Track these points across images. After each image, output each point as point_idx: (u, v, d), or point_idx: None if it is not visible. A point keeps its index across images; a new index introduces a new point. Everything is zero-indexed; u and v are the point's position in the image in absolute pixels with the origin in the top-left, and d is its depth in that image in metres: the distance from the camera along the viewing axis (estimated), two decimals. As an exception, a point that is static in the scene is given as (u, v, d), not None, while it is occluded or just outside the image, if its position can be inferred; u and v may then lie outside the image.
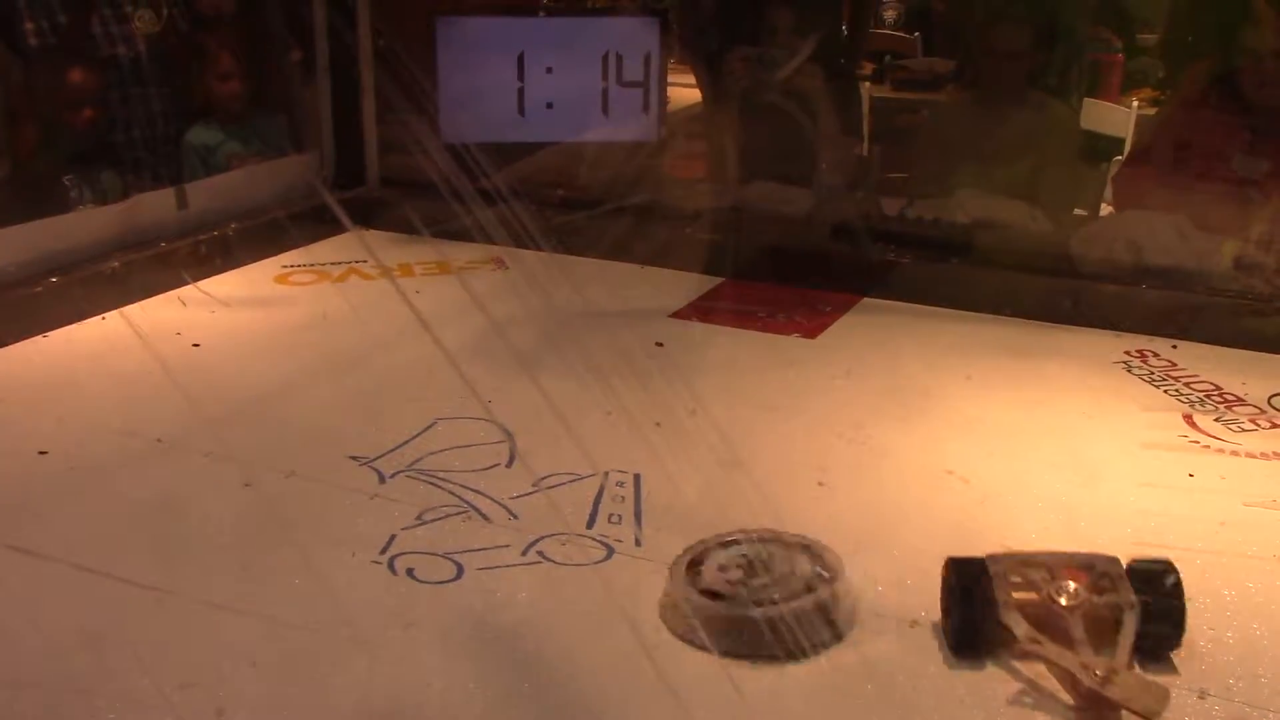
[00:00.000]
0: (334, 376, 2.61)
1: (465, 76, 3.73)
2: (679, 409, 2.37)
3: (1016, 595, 1.60)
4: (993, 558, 1.66)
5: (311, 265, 3.37)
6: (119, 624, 1.68)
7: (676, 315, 2.99)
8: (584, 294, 2.97)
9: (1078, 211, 4.14)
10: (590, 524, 1.96)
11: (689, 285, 3.19)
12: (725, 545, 1.77)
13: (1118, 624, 1.56)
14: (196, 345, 2.75)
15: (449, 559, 1.86)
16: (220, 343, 2.78)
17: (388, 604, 1.73)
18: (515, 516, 1.99)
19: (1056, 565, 1.65)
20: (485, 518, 1.99)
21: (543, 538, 1.92)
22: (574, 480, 2.11)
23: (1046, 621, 1.58)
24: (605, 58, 3.63)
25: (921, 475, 2.18)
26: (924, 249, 3.20)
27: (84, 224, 3.17)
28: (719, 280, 3.25)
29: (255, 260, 3.35)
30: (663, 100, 3.80)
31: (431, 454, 2.21)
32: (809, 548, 1.77)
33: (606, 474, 2.12)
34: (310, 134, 3.90)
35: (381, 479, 2.12)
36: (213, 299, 3.07)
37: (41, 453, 2.20)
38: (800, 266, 3.24)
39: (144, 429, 2.30)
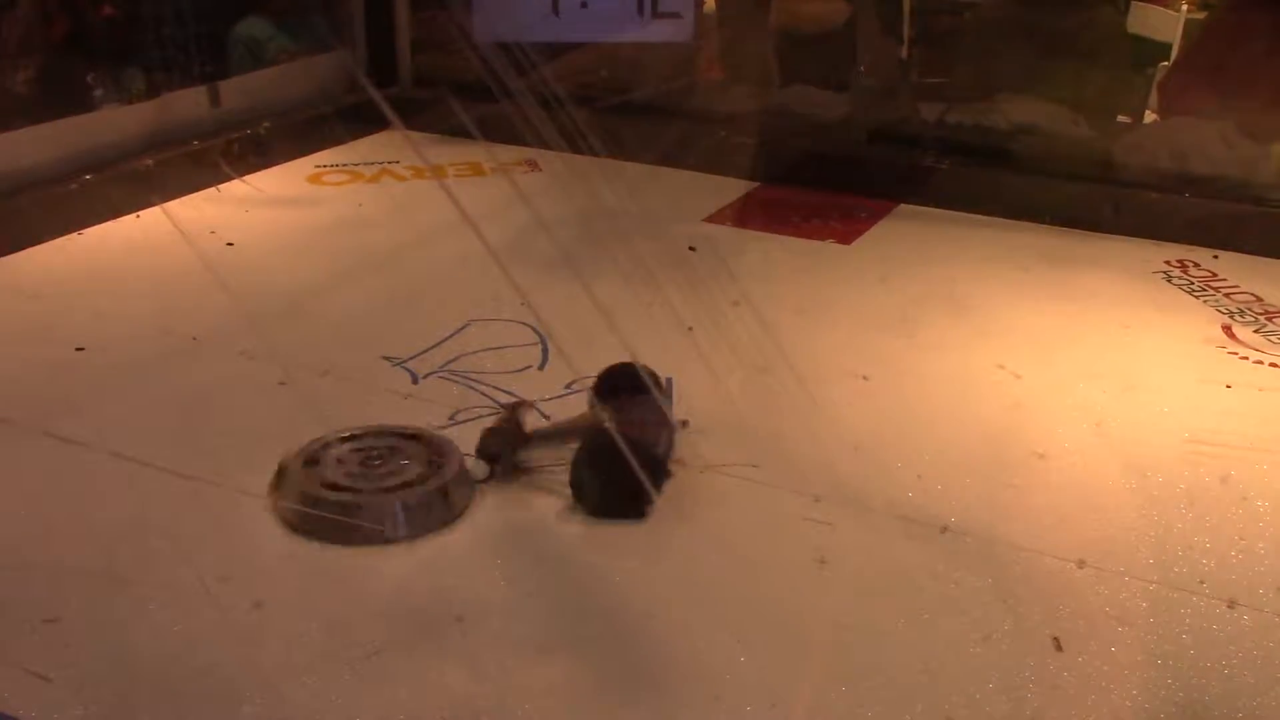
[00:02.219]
0: (367, 277, 2.62)
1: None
2: (711, 313, 2.36)
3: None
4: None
5: (344, 165, 3.36)
6: (160, 514, 1.70)
7: (710, 219, 2.96)
8: (617, 197, 2.94)
9: (1121, 118, 4.05)
10: (622, 426, 1.97)
11: (723, 189, 3.16)
12: (343, 440, 1.81)
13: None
14: (230, 244, 2.76)
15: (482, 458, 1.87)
16: (254, 242, 2.78)
17: (421, 502, 1.75)
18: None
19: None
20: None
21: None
22: (606, 383, 2.11)
23: None
24: (642, -43, 3.56)
25: (954, 380, 2.17)
26: (963, 154, 3.15)
27: (115, 122, 3.16)
28: (754, 185, 3.21)
29: (288, 159, 3.34)
30: (699, 1, 3.73)
31: (464, 355, 2.22)
32: (421, 437, 1.83)
33: (639, 377, 2.12)
34: (345, 32, 3.85)
35: (415, 379, 2.13)
36: (247, 198, 3.07)
37: (79, 349, 2.22)
38: (836, 172, 3.20)
39: (179, 327, 2.31)
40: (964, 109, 3.38)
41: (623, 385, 1.84)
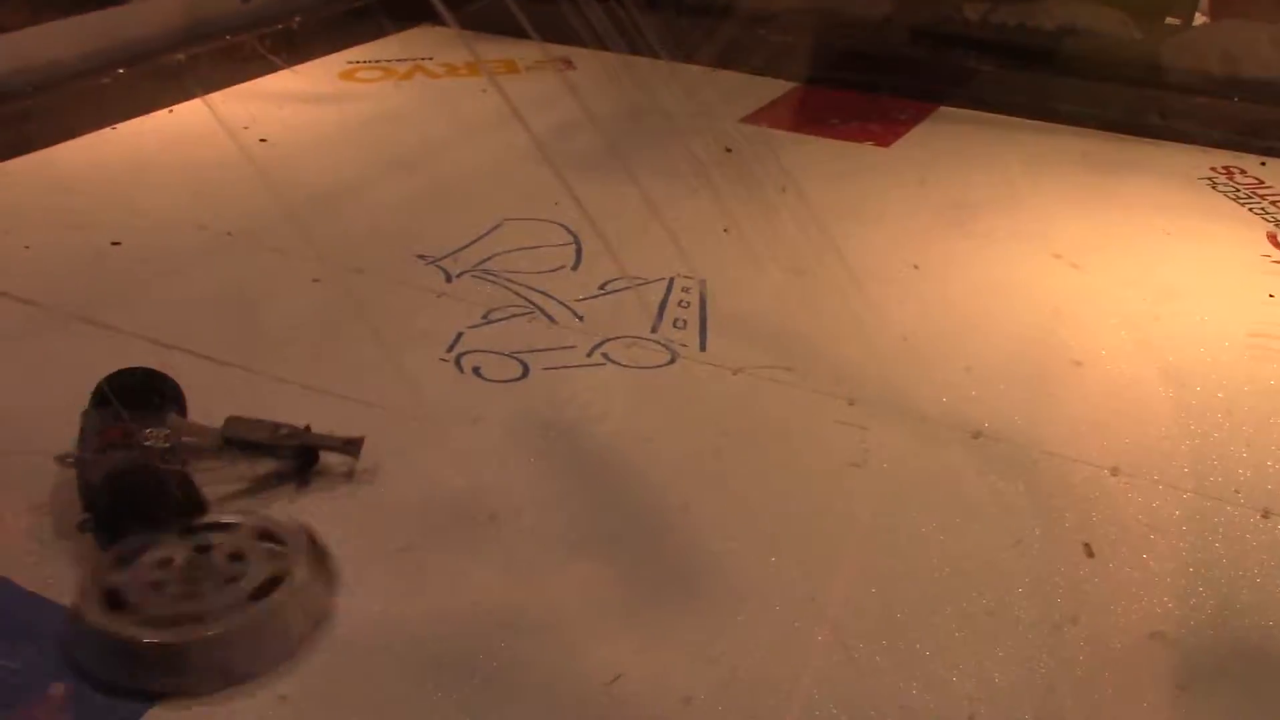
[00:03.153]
0: (400, 175, 2.60)
1: None
2: (747, 215, 2.34)
3: None
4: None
5: (376, 61, 3.32)
6: (202, 396, 1.70)
7: (747, 120, 2.92)
8: (652, 97, 2.90)
9: (1170, 20, 3.94)
10: (655, 328, 1.97)
11: (761, 90, 3.12)
12: (180, 535, 1.39)
13: None
14: (264, 140, 2.74)
15: (515, 358, 1.87)
16: (287, 138, 2.77)
17: (455, 399, 1.76)
18: (580, 318, 2.00)
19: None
20: (551, 319, 1.99)
21: (607, 340, 1.93)
22: (640, 284, 2.11)
23: None
24: None
25: (994, 286, 2.15)
26: (1006, 56, 3.08)
27: (147, 15, 3.13)
28: (791, 85, 3.16)
29: (320, 55, 3.31)
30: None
31: (498, 254, 2.21)
32: (272, 534, 1.41)
33: (672, 278, 2.12)
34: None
35: (448, 278, 2.12)
36: (280, 93, 3.04)
37: (114, 243, 2.22)
38: (876, 72, 3.14)
39: (214, 222, 2.31)
40: (1008, 9, 3.30)
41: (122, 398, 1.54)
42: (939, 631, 1.35)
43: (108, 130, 2.79)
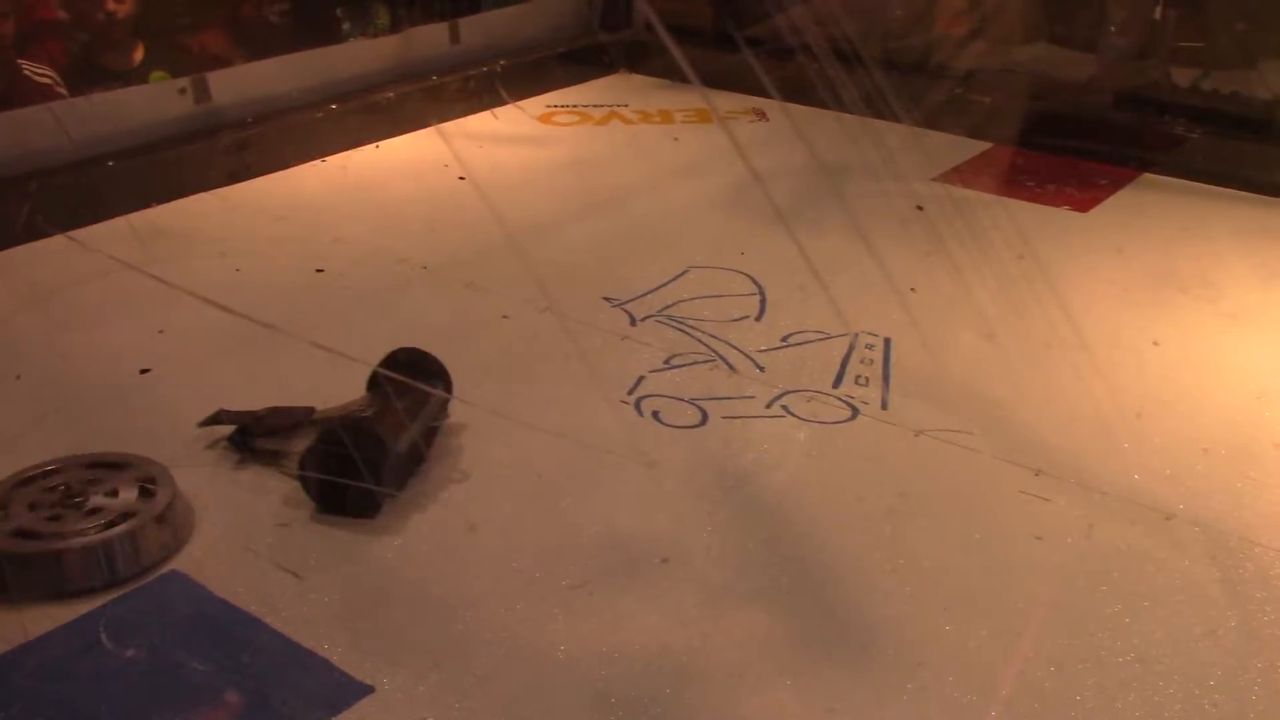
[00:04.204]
0: (591, 217, 2.65)
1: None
2: (934, 274, 2.31)
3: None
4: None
5: (574, 106, 3.40)
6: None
7: (939, 179, 2.88)
8: (845, 150, 2.89)
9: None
10: (837, 383, 1.95)
11: (955, 148, 3.07)
12: (40, 476, 1.58)
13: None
14: (462, 178, 2.83)
15: (694, 404, 1.88)
16: (485, 177, 2.85)
17: (634, 441, 1.77)
18: (762, 369, 2.00)
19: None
20: (732, 368, 2.00)
21: (788, 392, 1.92)
22: (823, 338, 2.09)
23: None
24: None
25: (1192, 363, 2.06)
26: (1218, 124, 2.97)
27: (361, 54, 3.28)
28: (987, 145, 3.11)
29: (521, 98, 3.40)
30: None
31: (682, 301, 2.23)
32: (130, 465, 1.60)
33: (856, 334, 2.10)
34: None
35: (633, 321, 2.15)
36: (480, 133, 3.15)
37: (319, 270, 2.32)
38: (1076, 135, 3.06)
39: (412, 255, 2.39)
40: (1220, 76, 3.18)
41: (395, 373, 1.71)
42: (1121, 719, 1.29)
43: (318, 162, 2.92)
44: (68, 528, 1.47)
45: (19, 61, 2.84)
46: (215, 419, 1.75)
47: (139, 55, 3.11)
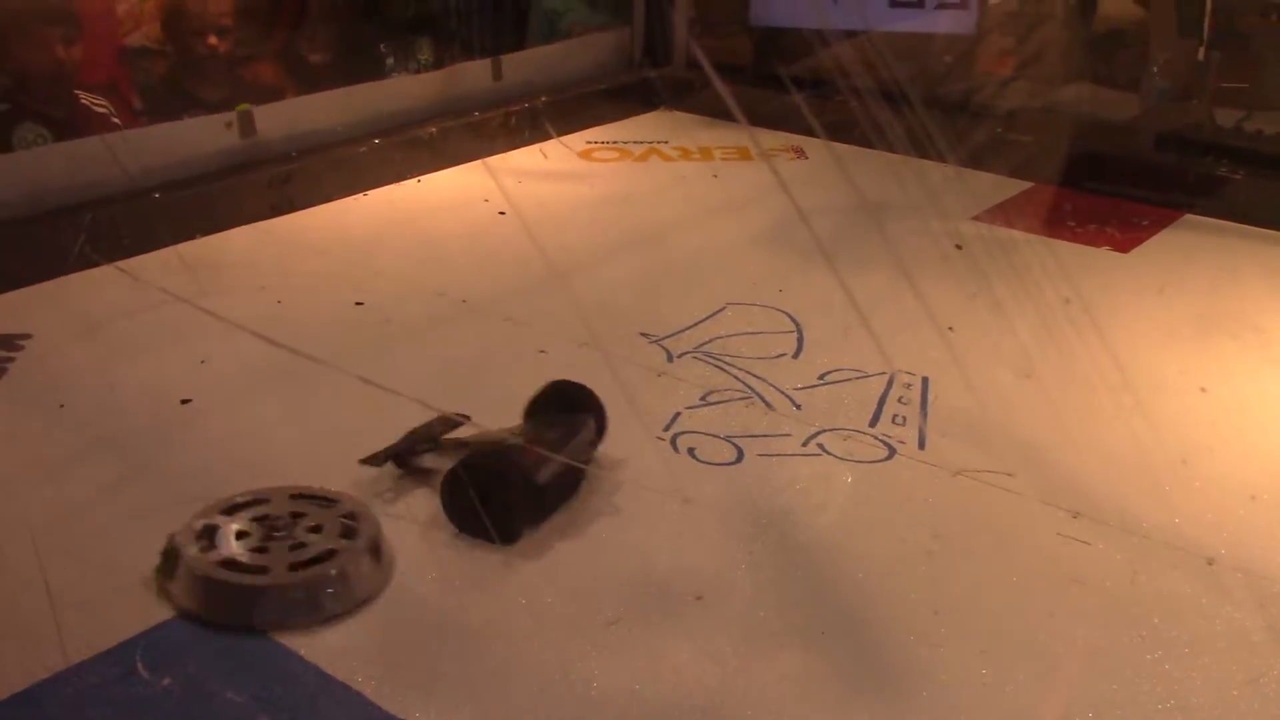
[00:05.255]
0: (630, 253, 2.66)
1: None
2: (974, 314, 2.30)
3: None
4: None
5: (614, 142, 3.42)
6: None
7: (979, 218, 2.88)
8: (884, 189, 2.89)
9: None
10: (874, 422, 1.94)
11: (995, 187, 3.06)
12: (243, 507, 1.59)
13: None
14: (502, 213, 2.85)
15: (730, 442, 1.88)
16: (525, 212, 2.87)
17: (670, 478, 1.77)
18: (798, 407, 1.99)
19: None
20: (768, 405, 1.99)
21: (825, 430, 1.91)
22: (860, 377, 2.09)
23: None
24: (928, -56, 3.49)
25: (1233, 408, 2.04)
26: (1261, 165, 2.94)
27: (406, 89, 3.32)
28: (1027, 184, 3.10)
29: (562, 134, 3.43)
30: (983, -8, 3.62)
31: (720, 338, 2.23)
32: (336, 501, 1.61)
33: (894, 374, 2.09)
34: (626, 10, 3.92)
35: (669, 358, 2.15)
36: (520, 169, 3.17)
37: (358, 303, 2.34)
38: (1118, 176, 3.05)
39: (451, 289, 2.41)
40: (1264, 117, 3.16)
41: (549, 404, 1.78)
42: (1161, 768, 1.28)
43: (360, 195, 2.95)
44: (274, 560, 1.48)
45: (76, 92, 2.90)
46: (377, 459, 1.74)
47: (228, 89, 3.21)
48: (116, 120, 2.96)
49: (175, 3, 3.20)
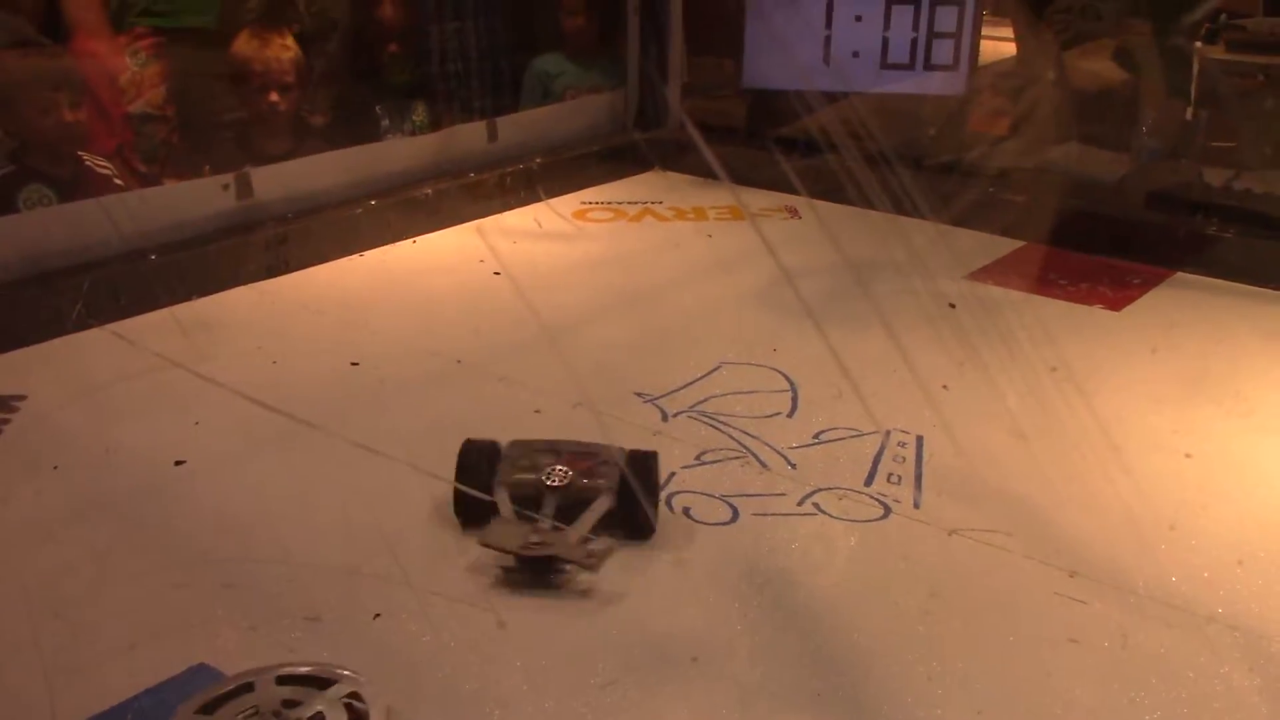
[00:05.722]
0: (625, 313, 2.67)
1: (772, 21, 3.71)
2: (968, 373, 2.30)
3: (515, 476, 1.76)
4: (513, 442, 1.83)
5: (609, 203, 3.45)
6: (432, 509, 1.80)
7: (972, 277, 2.89)
8: (877, 249, 2.91)
9: None
10: (869, 481, 1.94)
11: (988, 247, 3.09)
12: (224, 700, 1.39)
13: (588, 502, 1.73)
14: (497, 273, 2.87)
15: (725, 501, 1.88)
16: (518, 273, 2.89)
17: (664, 538, 1.77)
18: (793, 466, 1.99)
19: (566, 451, 1.82)
20: (763, 464, 2.00)
21: (820, 490, 1.91)
22: (855, 435, 2.09)
23: (534, 498, 1.74)
24: (917, 6, 3.53)
25: (1227, 465, 2.04)
26: (1251, 224, 2.97)
27: (401, 151, 3.35)
28: (1020, 244, 3.12)
29: (556, 195, 3.45)
30: (974, 52, 3.66)
31: (714, 397, 2.24)
32: (332, 680, 1.42)
33: (888, 432, 2.09)
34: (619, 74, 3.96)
35: (664, 417, 2.15)
36: (515, 229, 3.20)
37: (354, 363, 2.35)
38: (1109, 235, 3.07)
39: (446, 349, 2.42)
40: (1254, 176, 3.20)
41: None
42: (1161, 831, 1.26)
43: (355, 257, 2.97)
44: None
45: (79, 154, 2.94)
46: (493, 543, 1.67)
47: (290, 143, 3.35)
48: (120, 181, 2.99)
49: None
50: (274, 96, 3.31)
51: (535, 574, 1.65)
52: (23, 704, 1.40)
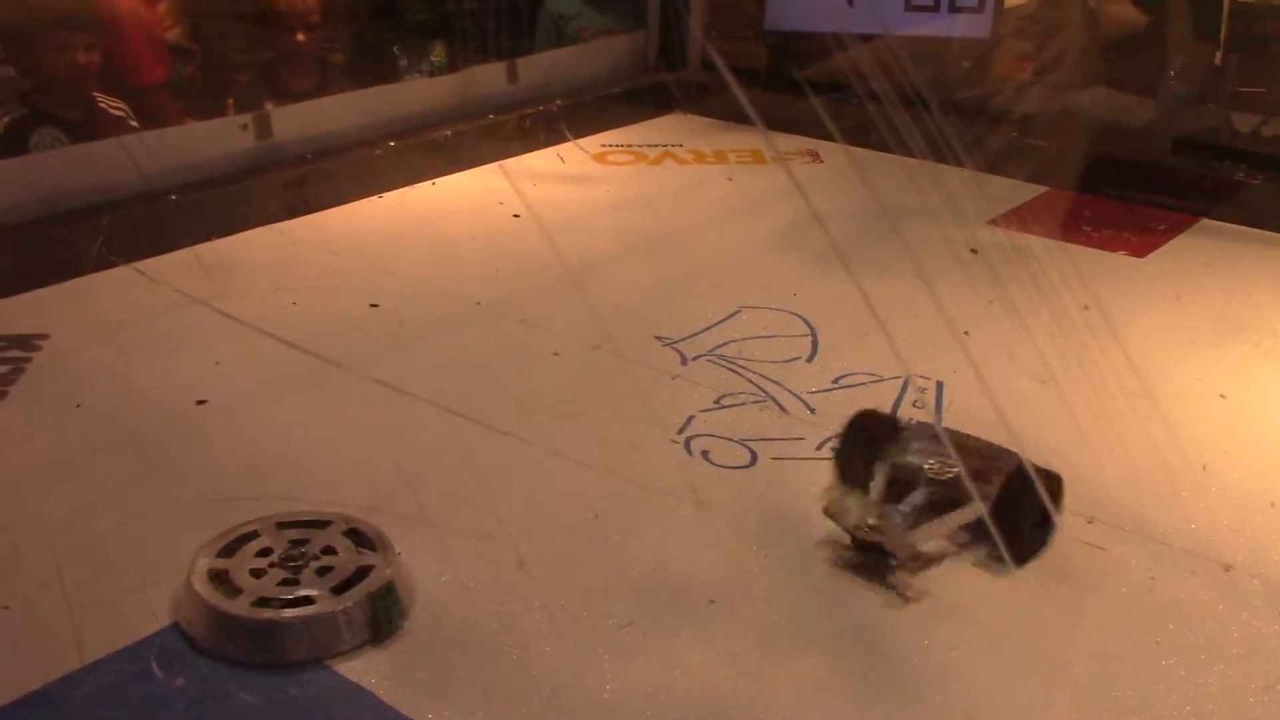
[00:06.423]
0: (645, 256, 2.66)
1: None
2: (990, 318, 2.29)
3: (901, 458, 1.65)
4: (919, 423, 1.73)
5: (629, 145, 3.42)
6: (448, 449, 1.79)
7: (994, 222, 2.87)
8: (899, 193, 2.88)
9: None
10: (888, 426, 1.93)
11: (1011, 192, 3.05)
12: (238, 544, 1.51)
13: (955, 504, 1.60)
14: (516, 216, 2.86)
15: (744, 445, 1.88)
16: (539, 215, 2.88)
17: (682, 481, 1.77)
18: (812, 411, 1.99)
19: (965, 446, 1.68)
20: (782, 409, 1.99)
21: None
22: (875, 381, 2.09)
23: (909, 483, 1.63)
24: (944, -52, 3.48)
25: (1248, 413, 2.03)
26: (1278, 170, 2.93)
27: (420, 92, 3.33)
28: (1043, 189, 3.09)
29: (577, 137, 3.43)
30: (999, -4, 3.61)
31: (734, 341, 2.23)
32: (354, 530, 1.55)
33: (909, 378, 2.09)
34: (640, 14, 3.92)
35: (683, 360, 2.15)
36: (535, 172, 3.18)
37: (373, 305, 2.35)
38: (1134, 180, 3.04)
39: (465, 291, 2.41)
40: (1283, 121, 3.16)
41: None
42: (1176, 775, 1.27)
43: (375, 198, 2.96)
44: (316, 591, 1.43)
45: (94, 95, 2.93)
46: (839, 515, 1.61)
47: (315, 80, 3.42)
48: (134, 123, 2.98)
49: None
50: (300, 36, 3.35)
51: (868, 559, 1.58)
52: (48, 638, 1.42)
